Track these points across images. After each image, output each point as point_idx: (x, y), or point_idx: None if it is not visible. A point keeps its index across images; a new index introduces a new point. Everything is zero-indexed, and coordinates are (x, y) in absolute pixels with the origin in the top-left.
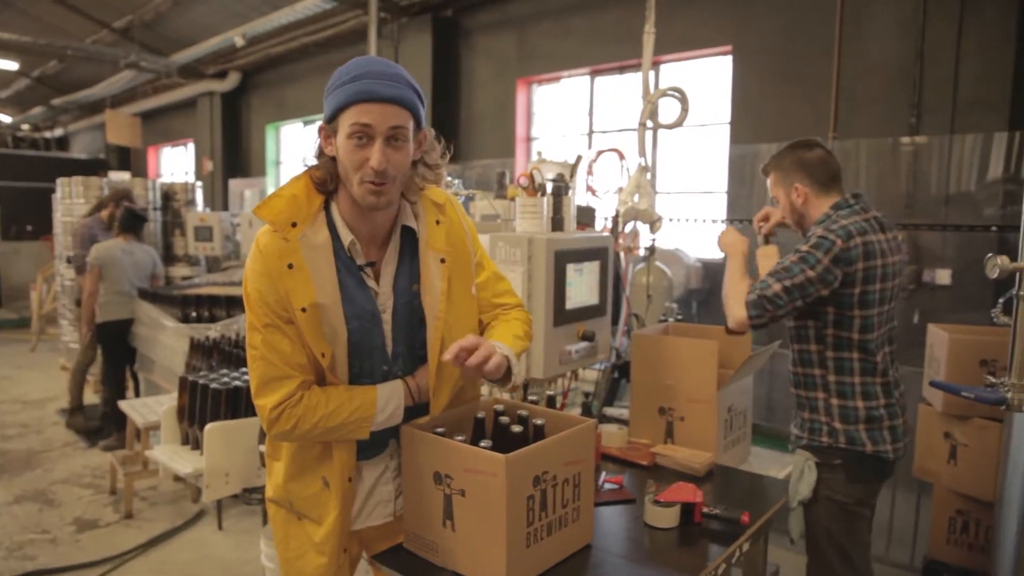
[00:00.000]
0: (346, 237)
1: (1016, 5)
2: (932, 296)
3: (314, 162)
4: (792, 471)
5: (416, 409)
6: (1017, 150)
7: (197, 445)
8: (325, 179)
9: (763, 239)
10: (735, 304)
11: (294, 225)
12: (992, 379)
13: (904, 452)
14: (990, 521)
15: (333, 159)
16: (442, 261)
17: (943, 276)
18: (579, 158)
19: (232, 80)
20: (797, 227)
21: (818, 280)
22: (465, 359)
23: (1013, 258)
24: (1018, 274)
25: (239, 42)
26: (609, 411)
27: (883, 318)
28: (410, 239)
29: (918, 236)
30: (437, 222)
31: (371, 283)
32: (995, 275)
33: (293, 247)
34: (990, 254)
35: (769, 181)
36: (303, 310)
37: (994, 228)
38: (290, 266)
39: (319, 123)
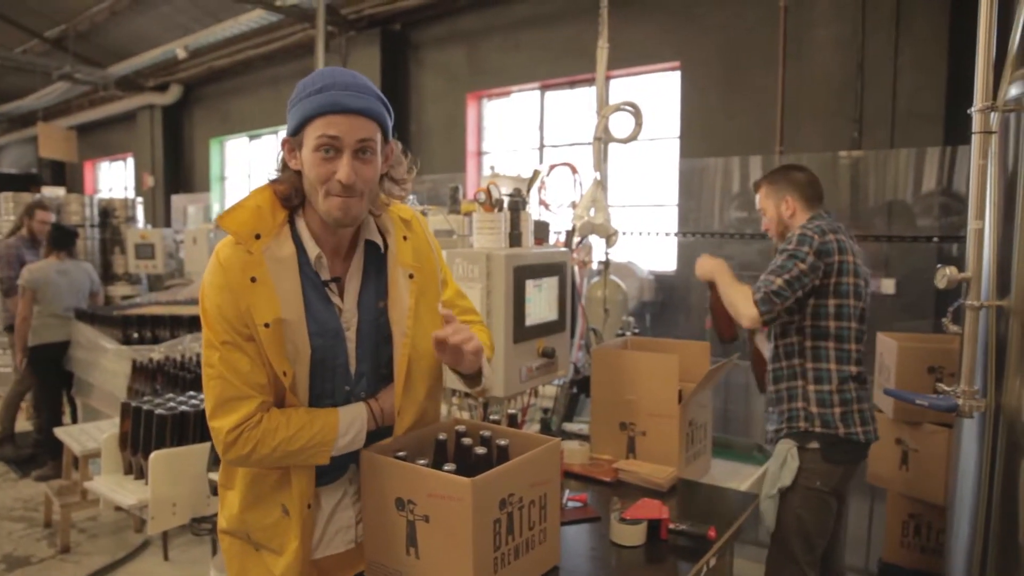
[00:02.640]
0: (312, 251)
1: (947, 22)
2: (878, 305)
3: (276, 176)
4: (772, 460)
5: (379, 433)
6: (949, 164)
7: (141, 474)
8: (290, 194)
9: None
10: (743, 304)
11: (258, 237)
12: (943, 386)
13: (874, 437)
14: (942, 524)
15: (298, 173)
16: (410, 277)
17: (888, 285)
18: (536, 173)
19: (174, 93)
20: (779, 238)
21: (810, 271)
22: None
23: (960, 268)
24: (965, 284)
25: (181, 54)
26: (568, 427)
27: (855, 311)
28: (373, 254)
29: (864, 246)
30: (404, 238)
31: (336, 299)
32: (944, 285)
33: (257, 260)
34: (939, 265)
35: (759, 195)
36: (266, 325)
37: (935, 239)
38: (253, 279)
39: (273, 131)
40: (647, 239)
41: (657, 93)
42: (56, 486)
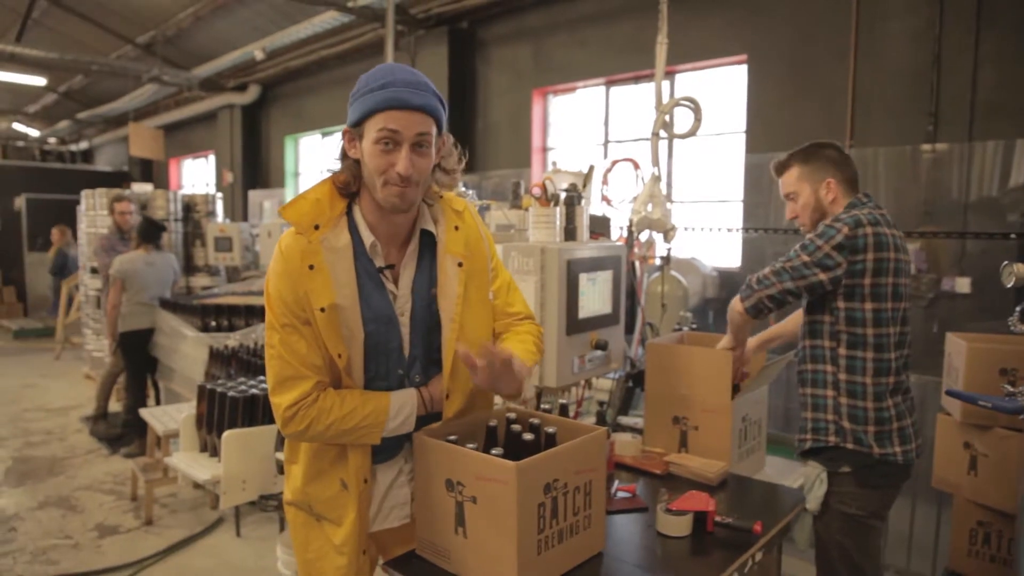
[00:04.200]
0: (367, 238)
1: None
2: (951, 305)
3: (336, 169)
4: (806, 482)
5: (428, 418)
6: None
7: (215, 452)
8: (348, 181)
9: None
10: (735, 299)
11: (316, 228)
12: (1011, 388)
13: (918, 455)
14: (1012, 533)
15: (357, 162)
16: (459, 265)
17: (962, 284)
18: (592, 168)
19: (252, 93)
20: (812, 225)
21: (815, 264)
22: (482, 363)
23: None
24: None
25: (259, 56)
26: (623, 420)
27: (897, 315)
28: (428, 243)
29: (937, 244)
30: (456, 228)
31: (390, 286)
32: (1011, 283)
33: (315, 248)
34: (1006, 262)
35: (788, 177)
36: (322, 310)
37: (1013, 236)
38: (311, 267)
39: (343, 128)
40: (712, 235)
41: (724, 87)
42: (141, 463)
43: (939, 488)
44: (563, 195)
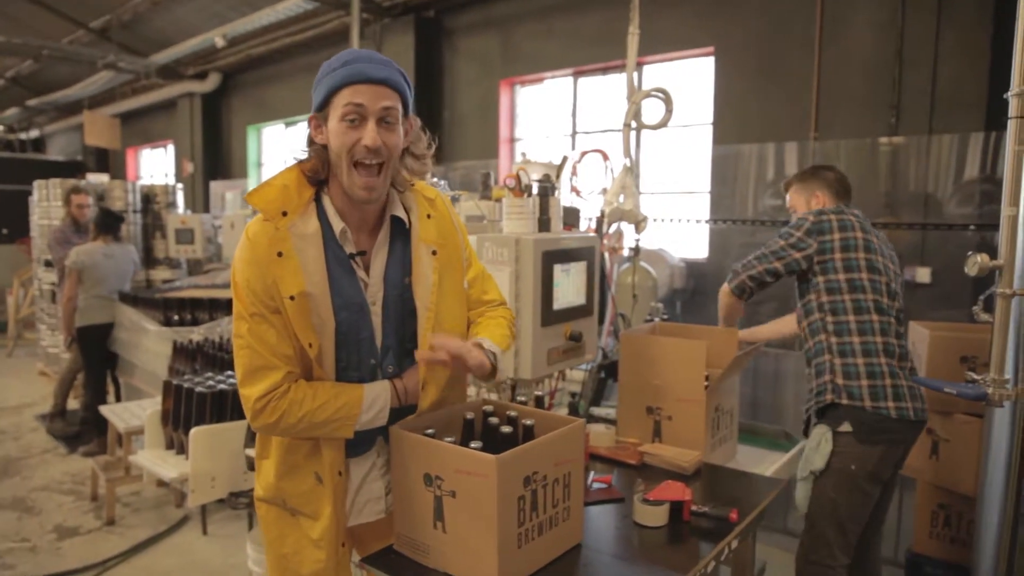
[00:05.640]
0: (337, 225)
1: (991, 7)
2: (912, 294)
3: (304, 156)
4: (808, 442)
5: (402, 411)
6: (993, 150)
7: (182, 450)
8: (317, 168)
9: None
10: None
11: (284, 214)
12: (973, 375)
13: (915, 416)
14: (972, 515)
15: (324, 147)
16: (433, 253)
17: (923, 274)
18: (565, 159)
19: (212, 81)
20: None
21: (790, 246)
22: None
23: (992, 256)
24: (997, 272)
25: (219, 43)
26: (596, 411)
27: (875, 285)
28: (399, 231)
29: (898, 235)
30: (428, 216)
31: (361, 273)
32: (975, 273)
33: (283, 235)
34: (970, 252)
35: (790, 193)
36: (291, 298)
37: (972, 227)
38: (280, 254)
39: (309, 116)
40: (679, 226)
41: (691, 79)
42: (102, 461)
43: (903, 473)
44: (536, 186)
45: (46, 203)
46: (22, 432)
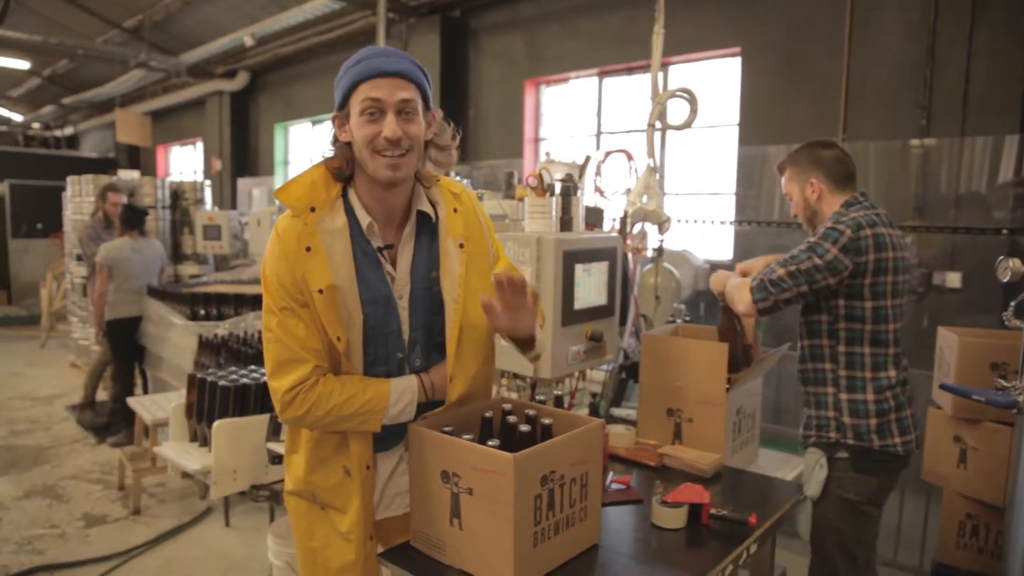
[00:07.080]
0: (364, 219)
1: None
2: (941, 299)
3: (330, 154)
4: (805, 469)
5: (429, 406)
6: None
7: (205, 442)
8: (341, 166)
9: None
10: (740, 292)
11: (312, 210)
12: (1003, 382)
13: (916, 446)
14: (1000, 526)
15: (348, 144)
16: (461, 246)
17: (953, 279)
18: (588, 158)
19: (241, 80)
20: (808, 224)
21: (825, 268)
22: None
23: None
24: None
25: (248, 42)
26: (616, 412)
27: (896, 311)
28: (426, 226)
29: (928, 239)
30: (455, 210)
31: (388, 267)
32: (1006, 278)
33: (311, 230)
34: (1001, 257)
35: (784, 178)
36: (320, 292)
37: (1005, 231)
38: (308, 249)
39: (333, 115)
40: (704, 228)
41: (717, 79)
42: (129, 452)
43: (929, 481)
44: (559, 186)
45: (79, 199)
46: (53, 422)
